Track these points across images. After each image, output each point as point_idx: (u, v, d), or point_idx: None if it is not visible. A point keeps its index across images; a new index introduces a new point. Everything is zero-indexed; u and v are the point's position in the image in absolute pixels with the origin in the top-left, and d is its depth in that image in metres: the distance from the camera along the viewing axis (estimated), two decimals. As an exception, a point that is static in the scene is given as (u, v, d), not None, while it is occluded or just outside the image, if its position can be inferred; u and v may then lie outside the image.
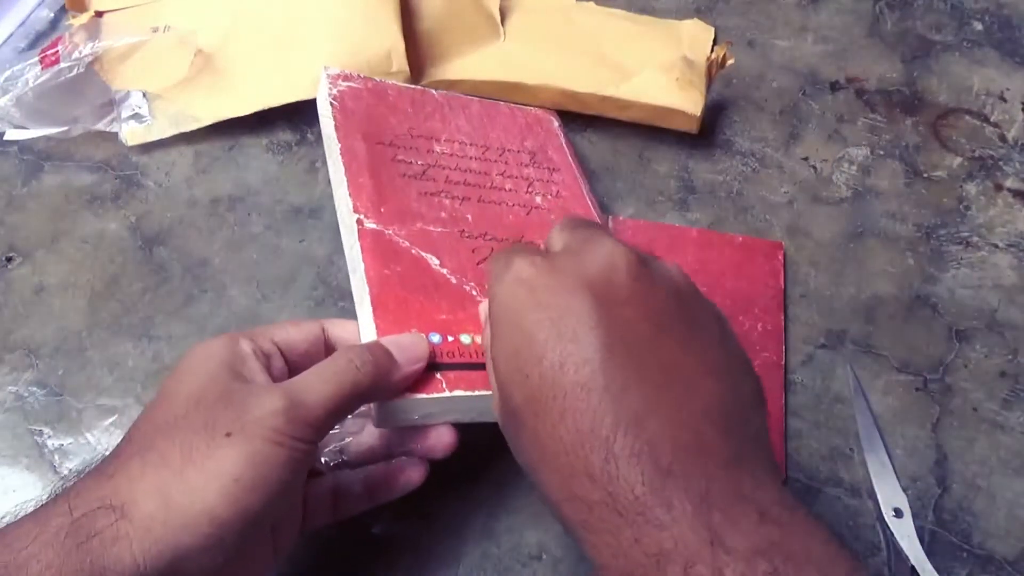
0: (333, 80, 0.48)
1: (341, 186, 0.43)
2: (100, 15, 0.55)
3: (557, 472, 0.29)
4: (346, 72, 0.49)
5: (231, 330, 0.41)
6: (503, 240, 0.45)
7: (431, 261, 0.41)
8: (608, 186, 0.55)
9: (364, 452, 0.39)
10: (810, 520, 0.27)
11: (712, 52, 0.57)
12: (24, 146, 0.55)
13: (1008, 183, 0.56)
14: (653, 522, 0.26)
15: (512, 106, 0.54)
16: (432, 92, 0.52)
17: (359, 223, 0.41)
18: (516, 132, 0.52)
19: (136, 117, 0.54)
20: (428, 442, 0.37)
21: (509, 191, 0.48)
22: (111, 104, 0.54)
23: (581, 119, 0.57)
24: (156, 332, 0.47)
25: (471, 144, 0.49)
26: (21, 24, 0.61)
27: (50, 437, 0.44)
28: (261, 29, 0.55)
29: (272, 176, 0.54)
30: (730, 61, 0.55)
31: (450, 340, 0.38)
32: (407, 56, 0.53)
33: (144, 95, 0.54)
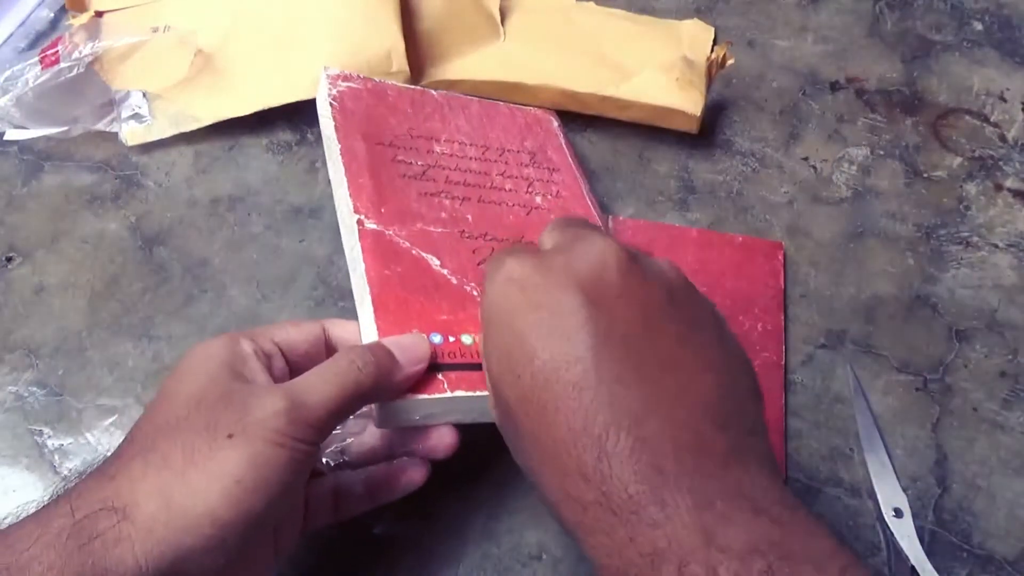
0: (333, 80, 0.48)
1: (341, 186, 0.43)
2: (100, 15, 0.55)
3: (552, 473, 0.29)
4: (346, 72, 0.49)
5: (231, 330, 0.41)
6: (503, 240, 0.45)
7: (432, 261, 0.41)
8: (608, 186, 0.55)
9: (365, 452, 0.39)
10: (807, 516, 0.27)
11: (712, 52, 0.57)
12: (24, 146, 0.55)
13: (1008, 183, 0.56)
14: (647, 521, 0.26)
15: (512, 106, 0.54)
16: (432, 92, 0.52)
17: (359, 223, 0.41)
18: (516, 132, 0.52)
19: (136, 117, 0.54)
20: (430, 443, 0.37)
21: (509, 191, 0.48)
22: (111, 104, 0.54)
23: (581, 119, 0.57)
24: (156, 332, 0.47)
25: (471, 144, 0.49)
26: (21, 24, 0.61)
27: (50, 437, 0.44)
28: (261, 29, 0.55)
29: (272, 176, 0.54)
30: (730, 61, 0.55)
31: (451, 340, 0.37)
32: (407, 56, 0.53)
33: (144, 95, 0.54)
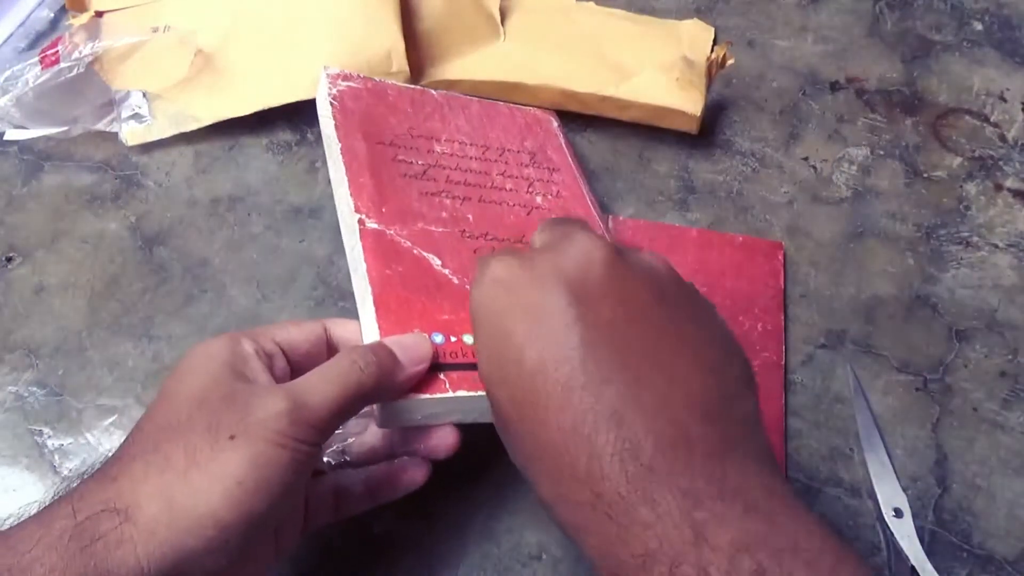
0: (333, 80, 0.48)
1: (342, 186, 0.43)
2: (100, 15, 0.55)
3: (546, 474, 0.29)
4: (346, 72, 0.49)
5: (231, 330, 0.41)
6: (504, 240, 0.45)
7: (433, 261, 0.41)
8: (608, 186, 0.55)
9: (367, 452, 0.39)
10: (799, 509, 0.26)
11: (712, 52, 0.57)
12: (24, 146, 0.55)
13: (1008, 183, 0.56)
14: (638, 521, 0.26)
15: (511, 106, 0.54)
16: (432, 92, 0.52)
17: (360, 223, 0.41)
18: (516, 132, 0.52)
19: (136, 117, 0.54)
20: (431, 442, 0.37)
21: (509, 191, 0.48)
22: (111, 104, 0.54)
23: (581, 119, 0.57)
24: (156, 332, 0.47)
25: (471, 144, 0.49)
26: (21, 24, 0.61)
27: (50, 437, 0.44)
28: (261, 29, 0.55)
29: (272, 176, 0.54)
30: (730, 61, 0.55)
31: (453, 340, 0.37)
32: (407, 56, 0.53)
33: (144, 95, 0.54)
